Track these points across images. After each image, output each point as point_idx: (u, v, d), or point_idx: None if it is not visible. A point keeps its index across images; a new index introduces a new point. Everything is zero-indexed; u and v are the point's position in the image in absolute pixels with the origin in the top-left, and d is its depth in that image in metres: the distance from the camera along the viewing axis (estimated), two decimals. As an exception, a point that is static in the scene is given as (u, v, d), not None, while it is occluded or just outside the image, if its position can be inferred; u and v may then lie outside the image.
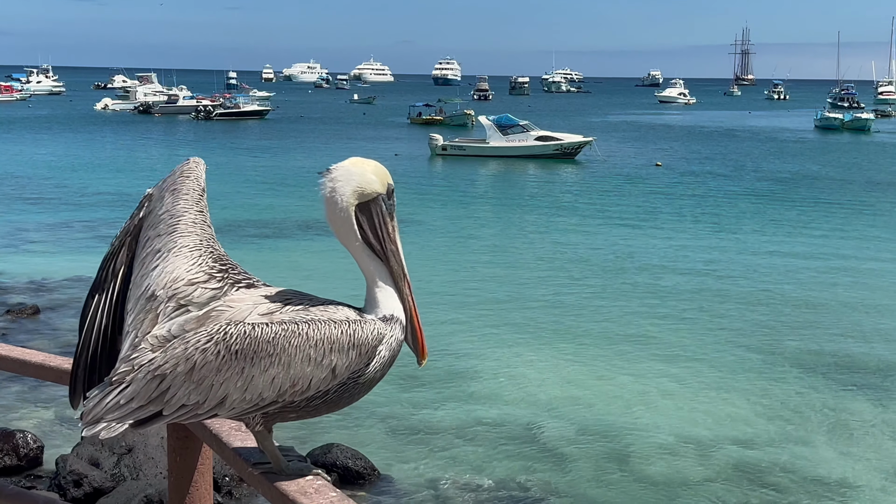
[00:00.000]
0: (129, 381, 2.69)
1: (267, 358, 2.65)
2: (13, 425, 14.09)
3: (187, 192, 3.21)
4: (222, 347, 2.65)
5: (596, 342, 20.28)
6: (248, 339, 2.66)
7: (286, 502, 2.65)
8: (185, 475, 3.31)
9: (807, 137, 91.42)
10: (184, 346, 2.68)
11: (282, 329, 2.68)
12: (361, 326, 2.75)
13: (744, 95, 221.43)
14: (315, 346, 2.68)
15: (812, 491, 13.29)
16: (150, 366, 2.68)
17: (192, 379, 2.65)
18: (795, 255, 30.50)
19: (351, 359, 2.71)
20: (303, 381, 2.68)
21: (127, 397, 2.68)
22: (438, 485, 13.13)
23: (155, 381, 2.66)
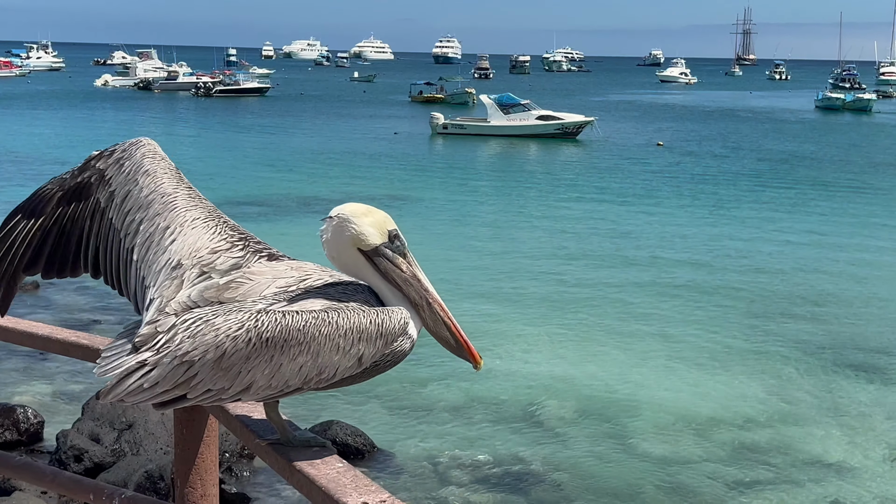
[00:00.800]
0: (153, 363, 2.67)
1: (297, 346, 2.65)
2: (13, 400, 14.12)
3: (165, 171, 3.15)
4: (254, 335, 2.64)
5: (595, 320, 20.31)
6: (279, 328, 2.65)
7: (293, 472, 2.66)
8: (191, 447, 3.31)
9: (808, 118, 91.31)
10: (214, 333, 2.66)
11: (312, 318, 2.68)
12: (389, 315, 2.76)
13: (745, 75, 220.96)
14: (345, 335, 2.68)
15: (809, 471, 13.33)
16: (177, 351, 2.66)
17: (221, 366, 2.64)
18: (795, 236, 30.50)
19: (378, 347, 2.73)
20: (329, 369, 2.69)
21: (151, 381, 2.67)
22: (437, 461, 13.17)
23: (182, 367, 2.65)
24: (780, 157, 55.12)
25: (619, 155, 54.22)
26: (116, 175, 3.14)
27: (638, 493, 12.51)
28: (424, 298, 2.86)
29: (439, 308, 2.89)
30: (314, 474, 2.59)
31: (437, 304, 2.88)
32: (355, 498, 2.45)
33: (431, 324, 2.89)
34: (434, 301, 2.88)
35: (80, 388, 15.22)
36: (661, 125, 77.60)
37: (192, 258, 2.90)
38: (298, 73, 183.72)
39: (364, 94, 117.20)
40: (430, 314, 2.87)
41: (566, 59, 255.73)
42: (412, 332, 2.83)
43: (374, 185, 39.90)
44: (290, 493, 12.07)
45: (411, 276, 2.86)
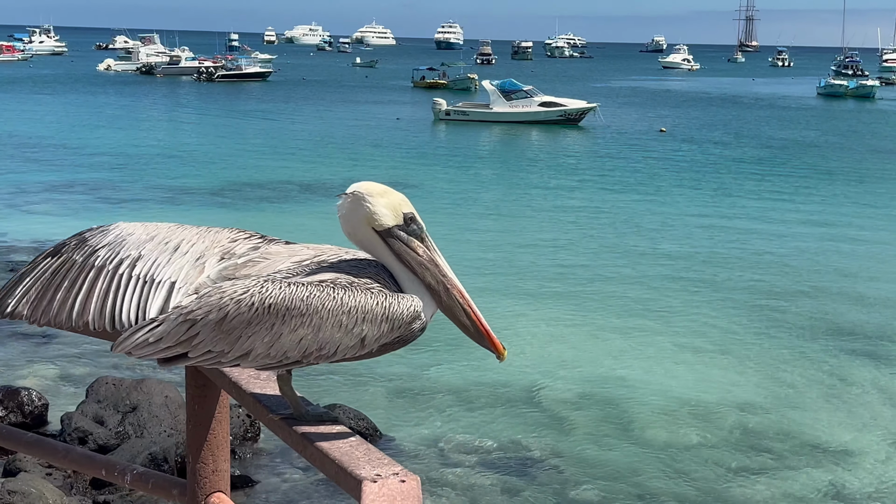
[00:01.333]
0: (160, 320, 2.72)
1: (298, 318, 2.66)
2: (18, 383, 14.16)
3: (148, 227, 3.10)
4: (257, 300, 2.66)
5: (597, 305, 20.34)
6: (282, 296, 2.67)
7: (307, 446, 2.69)
8: (203, 423, 3.35)
9: (811, 105, 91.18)
10: (219, 295, 2.70)
11: (317, 291, 2.69)
12: (398, 301, 2.76)
13: (748, 62, 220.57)
14: (348, 313, 2.69)
15: (811, 457, 13.37)
16: (182, 309, 2.70)
17: (222, 328, 2.67)
18: (797, 222, 30.52)
19: (382, 331, 2.73)
20: (330, 346, 2.70)
21: (156, 336, 2.70)
22: (440, 445, 13.21)
23: (185, 324, 2.68)
24: (783, 143, 55.08)
25: (621, 141, 54.19)
26: (100, 236, 3.08)
27: (640, 478, 12.56)
28: (441, 283, 2.85)
29: (458, 294, 2.87)
30: (327, 448, 2.62)
31: (456, 290, 2.87)
32: (368, 470, 2.47)
33: (448, 310, 2.88)
34: (452, 287, 2.87)
35: (84, 370, 15.27)
36: (664, 111, 77.51)
37: (212, 248, 2.93)
38: (300, 58, 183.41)
39: (366, 80, 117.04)
40: (448, 299, 2.86)
41: (568, 45, 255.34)
42: (425, 315, 2.83)
43: (377, 170, 39.89)
44: (293, 474, 12.12)
45: (428, 260, 2.85)
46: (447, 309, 2.88)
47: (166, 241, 2.99)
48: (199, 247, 2.96)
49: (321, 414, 2.86)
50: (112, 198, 32.22)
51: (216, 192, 33.72)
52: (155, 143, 48.89)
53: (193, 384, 3.34)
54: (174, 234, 3.02)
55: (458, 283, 2.90)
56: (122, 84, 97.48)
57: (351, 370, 15.51)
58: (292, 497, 11.46)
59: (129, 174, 37.67)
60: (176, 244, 2.97)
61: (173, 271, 2.88)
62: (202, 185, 35.32)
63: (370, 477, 2.45)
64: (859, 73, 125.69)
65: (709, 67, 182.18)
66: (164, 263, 2.92)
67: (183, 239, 2.99)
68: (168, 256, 2.93)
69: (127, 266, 2.93)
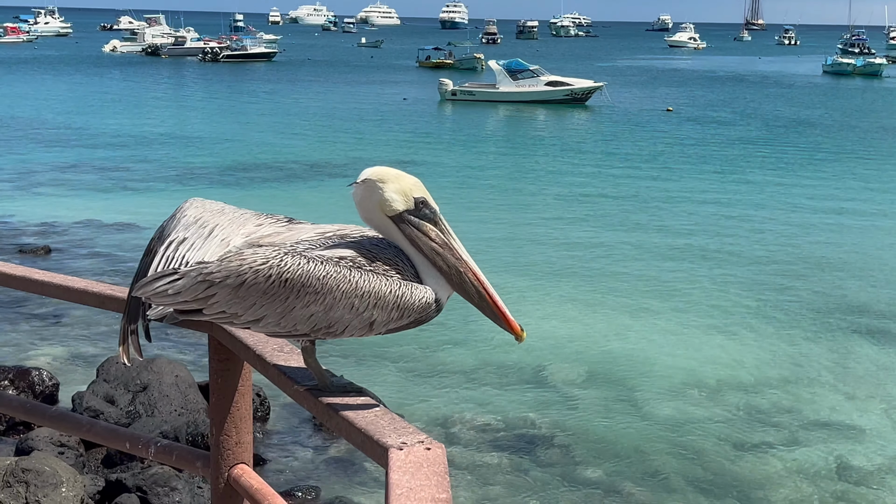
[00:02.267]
0: (182, 273, 2.77)
1: (312, 294, 2.70)
2: (28, 363, 14.21)
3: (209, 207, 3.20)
4: (275, 273, 2.70)
5: (604, 284, 20.35)
6: (299, 272, 2.70)
7: (332, 416, 2.73)
8: (226, 396, 3.38)
9: (819, 83, 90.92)
10: (239, 262, 2.74)
11: (334, 271, 2.72)
12: (411, 291, 2.79)
13: (754, 41, 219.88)
14: (361, 296, 2.72)
15: (818, 432, 13.40)
16: (203, 268, 2.75)
17: (237, 294, 2.72)
18: (805, 200, 30.49)
19: (391, 318, 2.76)
20: (339, 325, 2.75)
21: (175, 289, 2.75)
22: (448, 424, 13.25)
23: (203, 284, 2.73)
24: (790, 122, 54.95)
25: (628, 120, 54.09)
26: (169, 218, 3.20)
27: (647, 454, 12.60)
28: (454, 268, 2.87)
29: (473, 277, 2.89)
30: (353, 417, 2.65)
31: (471, 273, 2.89)
32: (394, 438, 2.51)
33: (463, 293, 2.90)
34: (466, 270, 2.89)
35: (94, 351, 15.33)
36: (670, 90, 77.34)
37: (238, 230, 3.00)
38: (305, 38, 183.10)
39: (371, 60, 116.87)
40: (461, 284, 2.88)
41: (574, 24, 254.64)
42: (440, 297, 2.86)
43: (384, 150, 39.89)
44: (304, 454, 12.19)
45: (441, 244, 2.87)
46: (462, 292, 2.91)
47: (204, 225, 3.08)
48: (228, 230, 3.01)
49: (345, 384, 2.90)
50: (119, 178, 32.26)
51: (222, 172, 33.75)
52: (161, 123, 48.91)
53: (216, 358, 3.38)
54: (213, 218, 3.09)
55: (474, 266, 2.92)
56: (127, 65, 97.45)
57: (361, 349, 15.57)
58: (303, 476, 11.53)
59: (136, 154, 37.71)
60: (211, 228, 3.05)
61: (200, 255, 2.94)
62: (208, 164, 35.35)
63: (396, 445, 2.49)
64: (866, 51, 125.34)
65: (715, 46, 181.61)
66: (197, 248, 3.01)
67: (217, 224, 3.06)
68: (202, 241, 3.02)
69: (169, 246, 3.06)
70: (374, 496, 11.24)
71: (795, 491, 11.73)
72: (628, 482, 11.80)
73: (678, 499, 11.46)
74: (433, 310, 2.85)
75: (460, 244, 2.93)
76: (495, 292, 2.93)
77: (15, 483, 8.88)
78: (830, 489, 11.84)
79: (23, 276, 3.94)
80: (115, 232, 23.84)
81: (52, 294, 3.83)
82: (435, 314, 2.87)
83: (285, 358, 3.07)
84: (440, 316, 2.64)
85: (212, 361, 3.39)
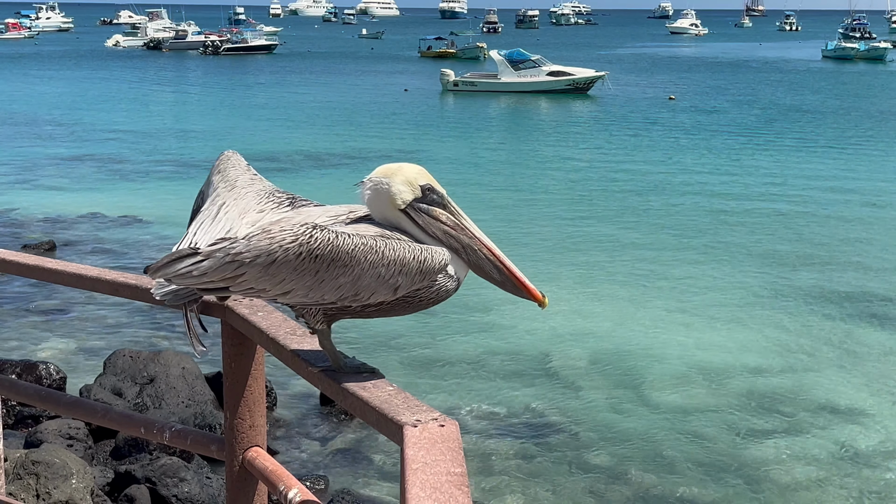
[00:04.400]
0: (206, 254, 2.80)
1: (342, 267, 2.77)
2: (36, 356, 14.27)
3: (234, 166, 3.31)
4: (305, 251, 2.75)
5: (609, 272, 20.38)
6: (329, 247, 2.76)
7: (347, 396, 2.77)
8: (240, 379, 3.42)
9: (822, 68, 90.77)
10: (269, 241, 2.78)
11: (361, 243, 2.79)
12: (431, 255, 2.85)
13: (755, 27, 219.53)
14: (387, 265, 2.78)
15: (824, 419, 13.42)
16: (231, 248, 2.78)
17: (268, 272, 2.77)
18: (810, 185, 30.48)
19: (415, 282, 2.82)
20: (365, 292, 2.80)
21: (201, 270, 2.79)
22: (454, 413, 13.27)
23: (233, 265, 2.77)
24: (795, 109, 54.84)
25: (630, 109, 54.04)
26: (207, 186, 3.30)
27: (653, 440, 12.63)
28: (468, 246, 2.93)
29: (488, 251, 2.95)
30: (367, 397, 2.69)
31: (486, 248, 2.95)
32: (408, 416, 2.55)
33: (479, 269, 2.95)
34: (481, 246, 2.94)
35: (101, 344, 15.38)
36: (672, 78, 77.25)
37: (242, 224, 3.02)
38: (305, 30, 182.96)
39: (372, 51, 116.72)
40: (476, 260, 2.94)
41: (574, 12, 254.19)
42: (457, 275, 2.91)
43: (386, 142, 39.91)
44: (310, 443, 12.24)
45: (453, 226, 2.93)
46: (477, 269, 2.96)
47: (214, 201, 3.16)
48: (232, 214, 3.07)
49: (359, 365, 2.94)
50: (121, 171, 32.31)
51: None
52: (163, 116, 48.94)
53: (230, 342, 3.42)
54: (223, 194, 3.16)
55: (488, 241, 2.97)
56: (129, 59, 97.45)
57: (370, 338, 15.61)
58: (311, 466, 11.57)
59: (138, 148, 37.75)
60: (218, 207, 3.12)
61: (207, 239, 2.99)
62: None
63: (411, 422, 2.53)
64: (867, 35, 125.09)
65: (716, 32, 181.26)
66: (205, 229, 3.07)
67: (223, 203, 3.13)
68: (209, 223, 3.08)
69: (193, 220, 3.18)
70: (382, 485, 11.28)
71: (802, 476, 11.76)
72: (635, 468, 11.84)
73: (684, 484, 11.50)
74: (454, 279, 2.91)
75: (472, 223, 2.98)
76: (512, 264, 2.99)
77: (25, 475, 8.93)
78: (836, 474, 11.87)
79: (36, 264, 3.98)
80: (119, 226, 23.88)
81: (65, 282, 3.87)
82: (454, 289, 2.93)
83: (298, 341, 3.11)
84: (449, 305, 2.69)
85: (225, 346, 3.44)
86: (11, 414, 12.01)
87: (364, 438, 12.35)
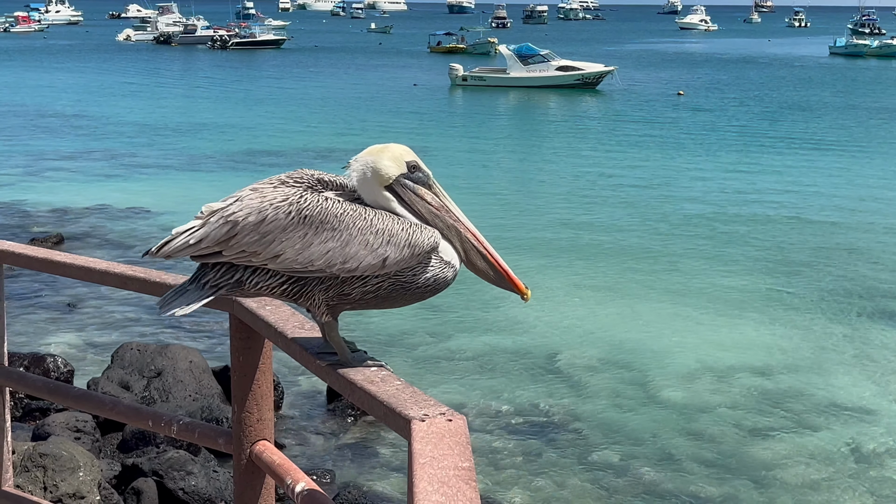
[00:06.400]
0: (202, 223, 2.86)
1: (330, 231, 2.81)
2: (43, 349, 14.29)
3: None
4: (294, 210, 2.82)
5: (616, 270, 20.34)
6: (318, 209, 2.83)
7: (354, 390, 2.76)
8: (248, 373, 3.43)
9: (834, 65, 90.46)
10: (260, 199, 2.86)
11: (351, 209, 2.85)
12: (421, 231, 2.87)
13: (763, 22, 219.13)
14: (376, 233, 2.82)
15: (831, 417, 13.38)
16: (223, 212, 2.85)
17: (259, 230, 2.81)
18: (819, 183, 30.40)
19: (403, 256, 2.83)
20: (354, 261, 2.82)
21: (197, 238, 2.85)
22: (459, 409, 13.26)
23: (226, 226, 2.83)
24: (806, 105, 54.69)
25: (639, 105, 53.95)
26: None
27: (660, 438, 12.61)
28: (454, 228, 2.95)
29: (472, 237, 2.97)
30: (375, 391, 2.69)
31: (470, 234, 2.96)
32: (416, 410, 2.55)
33: (464, 254, 2.97)
34: (466, 230, 2.96)
35: (108, 338, 15.40)
36: (681, 73, 77.12)
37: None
38: (314, 24, 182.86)
39: (380, 46, 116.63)
40: (461, 244, 2.95)
41: (582, 7, 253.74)
42: (453, 262, 2.91)
43: (394, 136, 39.81)
44: (316, 439, 12.25)
45: (439, 207, 2.96)
46: (461, 254, 2.97)
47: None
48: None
49: (366, 359, 2.94)
50: (130, 164, 32.36)
51: (232, 159, 33.80)
52: (171, 111, 48.96)
53: (237, 336, 3.42)
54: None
55: (472, 227, 3.00)
56: (139, 53, 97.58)
57: (373, 335, 15.61)
58: (317, 462, 11.58)
59: (146, 141, 37.80)
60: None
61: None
62: (218, 151, 35.40)
63: (418, 416, 2.53)
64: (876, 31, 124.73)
65: (725, 28, 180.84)
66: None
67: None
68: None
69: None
70: (389, 479, 11.29)
71: (809, 475, 11.73)
72: (641, 465, 11.82)
73: (691, 482, 11.48)
74: (451, 267, 2.92)
75: (457, 207, 3.00)
76: (496, 252, 3.00)
77: (33, 468, 8.95)
78: (844, 473, 11.84)
79: (45, 258, 3.99)
80: (127, 219, 23.91)
81: (73, 275, 3.88)
82: (452, 277, 2.93)
83: (306, 334, 3.11)
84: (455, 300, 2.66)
85: (233, 340, 3.44)
86: (19, 406, 12.03)
87: (371, 433, 12.36)
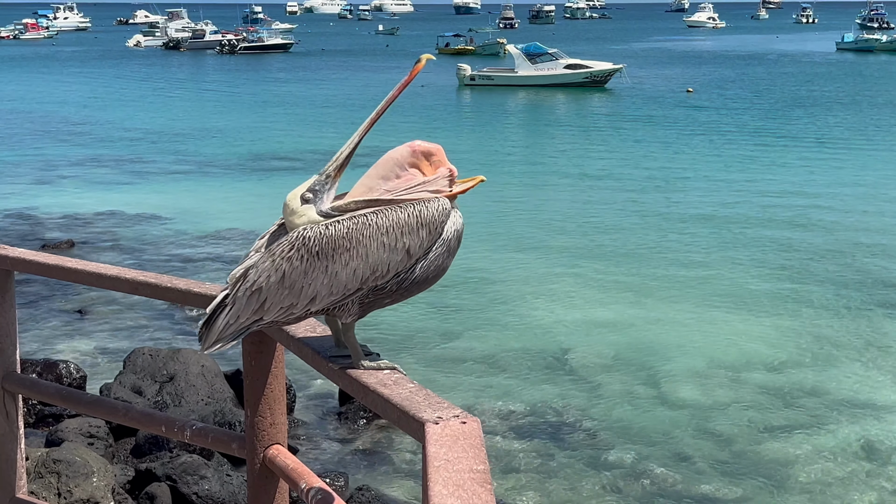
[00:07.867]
0: (228, 303, 2.89)
1: (346, 253, 2.81)
2: (55, 356, 14.31)
3: None
4: (304, 251, 2.82)
5: (627, 267, 20.31)
6: (325, 239, 2.82)
7: (367, 393, 2.75)
8: (260, 377, 3.43)
9: (843, 60, 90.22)
10: (271, 260, 2.86)
11: (353, 223, 2.84)
12: (426, 205, 2.89)
13: (771, 19, 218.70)
14: (387, 232, 2.82)
15: (844, 413, 13.33)
16: (246, 284, 2.86)
17: (284, 286, 2.83)
18: (828, 179, 30.32)
19: (422, 238, 2.84)
20: (381, 266, 2.83)
21: (233, 316, 2.88)
22: (471, 411, 13.24)
23: (254, 296, 2.85)
24: (814, 100, 54.54)
25: (648, 102, 53.86)
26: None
27: (673, 438, 12.57)
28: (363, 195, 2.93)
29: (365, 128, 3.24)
30: (388, 394, 2.68)
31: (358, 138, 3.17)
32: (430, 413, 2.54)
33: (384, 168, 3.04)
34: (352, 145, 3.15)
35: (120, 344, 15.42)
36: (690, 71, 76.99)
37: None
38: (321, 27, 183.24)
39: (387, 48, 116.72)
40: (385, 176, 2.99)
41: (588, 6, 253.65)
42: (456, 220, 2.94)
43: (402, 137, 38.72)
44: (329, 443, 12.25)
45: (349, 202, 2.92)
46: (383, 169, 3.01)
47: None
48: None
49: (379, 363, 2.93)
50: (139, 170, 32.41)
51: (241, 163, 33.85)
52: (181, 116, 49.06)
53: (249, 340, 3.42)
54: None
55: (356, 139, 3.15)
56: (148, 59, 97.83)
57: (388, 335, 15.60)
58: (330, 466, 11.57)
59: (156, 146, 37.87)
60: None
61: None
62: (227, 156, 35.45)
63: (432, 419, 2.52)
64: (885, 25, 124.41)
65: (732, 25, 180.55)
66: None
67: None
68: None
69: None
70: (403, 482, 11.28)
71: (823, 472, 11.69)
72: (655, 465, 11.79)
73: (705, 481, 11.45)
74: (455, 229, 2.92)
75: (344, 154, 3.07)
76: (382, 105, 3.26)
77: (47, 474, 8.96)
78: (859, 470, 11.79)
79: (55, 264, 3.99)
80: (138, 224, 23.96)
81: (84, 281, 3.89)
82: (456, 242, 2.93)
83: (318, 337, 3.10)
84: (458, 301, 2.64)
85: (245, 344, 3.44)
86: (32, 413, 12.05)
87: (384, 436, 12.35)
